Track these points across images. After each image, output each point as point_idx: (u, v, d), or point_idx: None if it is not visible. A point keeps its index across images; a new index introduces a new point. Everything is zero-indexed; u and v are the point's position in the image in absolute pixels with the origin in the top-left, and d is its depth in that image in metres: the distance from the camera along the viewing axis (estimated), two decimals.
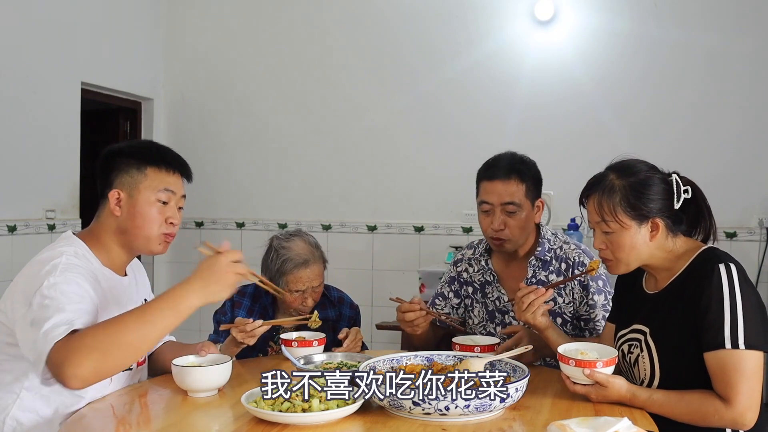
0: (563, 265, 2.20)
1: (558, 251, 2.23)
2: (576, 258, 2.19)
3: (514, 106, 4.13)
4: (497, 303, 2.27)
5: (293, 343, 2.08)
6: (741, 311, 1.56)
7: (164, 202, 1.75)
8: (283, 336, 2.13)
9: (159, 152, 1.78)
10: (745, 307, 1.56)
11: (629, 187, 1.67)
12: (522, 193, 2.13)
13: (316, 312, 2.24)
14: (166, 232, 1.76)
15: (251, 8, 4.57)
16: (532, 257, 2.21)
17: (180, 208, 1.80)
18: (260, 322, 2.03)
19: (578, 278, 2.16)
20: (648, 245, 1.69)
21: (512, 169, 2.14)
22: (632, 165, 1.72)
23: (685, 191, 1.70)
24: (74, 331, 1.46)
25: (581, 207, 1.77)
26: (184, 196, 1.81)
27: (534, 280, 2.21)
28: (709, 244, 1.73)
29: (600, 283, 2.18)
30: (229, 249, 1.60)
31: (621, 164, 1.73)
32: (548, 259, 2.21)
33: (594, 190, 1.72)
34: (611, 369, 1.64)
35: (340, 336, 2.18)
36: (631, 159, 1.74)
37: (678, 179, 1.71)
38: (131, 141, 1.88)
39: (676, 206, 1.69)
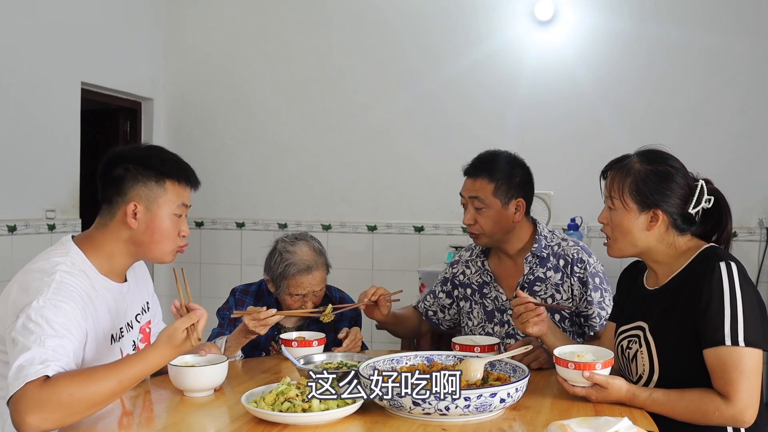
0: (561, 262, 2.21)
1: (556, 248, 2.23)
2: (574, 255, 2.20)
3: (514, 106, 4.13)
4: (496, 302, 2.28)
5: (293, 343, 2.08)
6: (741, 309, 1.56)
7: (179, 216, 1.74)
8: (283, 336, 2.13)
9: (177, 165, 1.76)
10: (746, 305, 1.57)
11: (644, 173, 1.70)
12: (489, 191, 2.17)
13: (330, 306, 2.24)
14: (180, 245, 1.77)
15: (251, 8, 4.57)
16: (528, 254, 2.22)
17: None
18: (273, 310, 2.04)
19: (561, 309, 2.17)
20: (644, 234, 1.71)
21: (482, 168, 2.20)
22: (657, 155, 1.74)
23: (707, 201, 1.71)
24: (47, 377, 1.43)
25: (601, 179, 1.81)
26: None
27: (531, 276, 2.21)
28: (712, 243, 1.74)
29: (597, 280, 2.18)
30: (187, 315, 1.58)
31: (648, 152, 1.76)
32: (545, 255, 2.22)
33: (613, 167, 1.77)
34: (608, 370, 1.64)
35: (340, 336, 2.18)
36: (662, 151, 1.76)
37: (704, 187, 1.71)
38: (138, 147, 1.79)
39: (691, 210, 1.70)
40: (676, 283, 1.70)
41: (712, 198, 1.72)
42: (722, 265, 1.60)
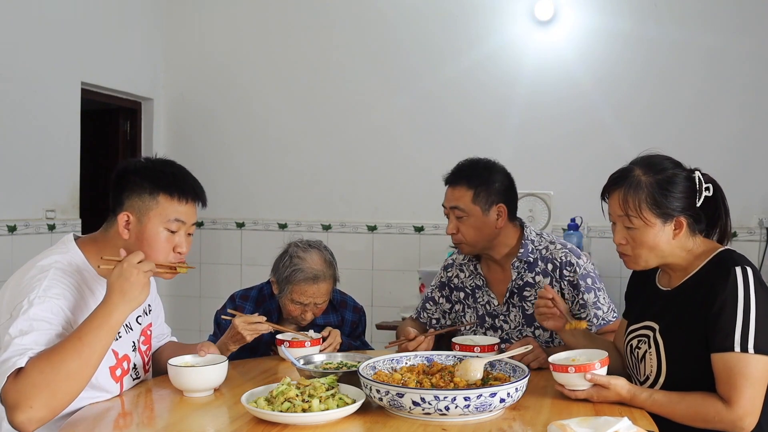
0: (549, 266, 2.20)
1: (543, 252, 2.22)
2: (563, 258, 2.19)
3: (514, 106, 4.13)
4: (487, 307, 2.27)
5: (286, 343, 2.07)
6: (754, 316, 1.55)
7: (173, 231, 1.70)
8: (279, 336, 2.13)
9: (174, 178, 1.72)
10: (759, 312, 1.55)
11: (656, 184, 1.65)
12: (468, 199, 2.17)
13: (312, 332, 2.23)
14: (173, 262, 1.72)
15: (252, 8, 4.57)
16: (515, 259, 2.21)
17: (189, 234, 1.75)
18: (263, 318, 2.05)
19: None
20: (670, 243, 1.67)
21: (460, 176, 2.21)
22: (658, 161, 1.69)
23: (707, 188, 1.68)
24: (20, 369, 1.44)
25: (603, 200, 1.75)
26: (194, 224, 1.76)
27: (520, 282, 2.20)
28: (726, 246, 1.72)
29: (589, 281, 2.17)
30: (126, 254, 1.59)
31: (646, 160, 1.70)
32: (532, 260, 2.21)
33: (619, 184, 1.69)
34: (606, 369, 1.64)
35: (323, 333, 2.18)
36: (656, 155, 1.72)
37: (701, 176, 1.69)
38: (149, 159, 1.77)
39: (698, 204, 1.67)
40: (690, 286, 1.68)
41: (711, 185, 1.69)
42: (738, 270, 1.59)
